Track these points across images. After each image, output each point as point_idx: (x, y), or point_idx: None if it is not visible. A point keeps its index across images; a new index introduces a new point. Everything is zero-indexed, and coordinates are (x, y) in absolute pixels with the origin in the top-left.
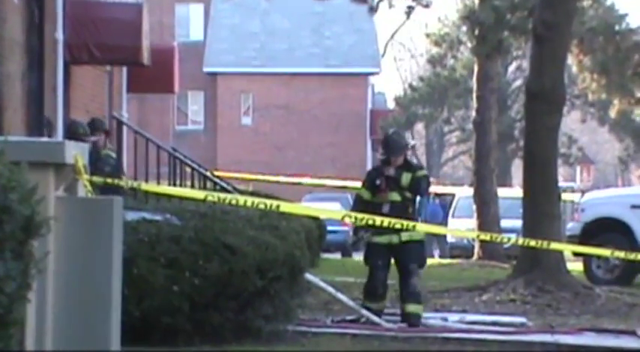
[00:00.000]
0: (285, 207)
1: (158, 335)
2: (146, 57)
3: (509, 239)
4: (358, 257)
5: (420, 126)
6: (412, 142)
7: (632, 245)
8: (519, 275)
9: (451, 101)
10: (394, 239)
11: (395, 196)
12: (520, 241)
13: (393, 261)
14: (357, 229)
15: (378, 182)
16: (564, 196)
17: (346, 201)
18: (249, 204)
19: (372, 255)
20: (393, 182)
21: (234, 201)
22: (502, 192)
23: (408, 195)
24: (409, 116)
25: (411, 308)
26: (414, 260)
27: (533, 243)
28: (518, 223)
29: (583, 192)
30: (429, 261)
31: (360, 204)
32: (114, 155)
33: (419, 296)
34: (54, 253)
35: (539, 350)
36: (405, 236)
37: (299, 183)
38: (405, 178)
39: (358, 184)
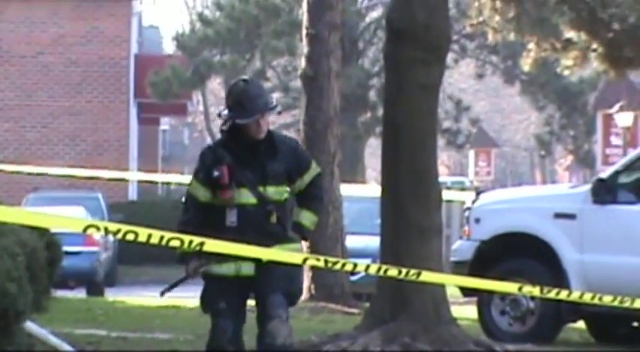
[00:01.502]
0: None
1: None
2: None
3: (355, 265)
4: (114, 294)
5: (215, 83)
6: (278, 107)
7: (555, 277)
8: (375, 326)
9: (267, 42)
10: (245, 268)
11: (246, 197)
12: (374, 269)
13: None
14: (184, 255)
15: (216, 173)
16: (449, 196)
17: (96, 204)
18: None
19: (210, 294)
20: (253, 170)
21: None
22: (349, 190)
23: (274, 194)
24: (199, 66)
25: None
26: (279, 287)
27: (394, 272)
28: (374, 241)
29: (478, 191)
30: None
31: (194, 211)
32: None
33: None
34: None
35: None
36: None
37: (18, 173)
38: (277, 166)
39: (110, 174)
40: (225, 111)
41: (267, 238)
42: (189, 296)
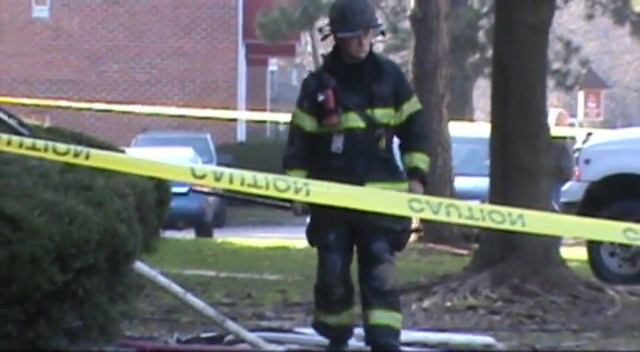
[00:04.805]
0: (99, 158)
1: None
2: None
3: (459, 209)
4: (222, 236)
5: (325, 24)
6: (382, 26)
7: None
8: (484, 268)
9: None
10: None
11: (354, 120)
12: (477, 212)
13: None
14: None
15: (321, 97)
16: (560, 132)
17: (204, 145)
18: (40, 147)
19: (317, 229)
20: (358, 93)
21: (15, 144)
22: (458, 130)
23: (382, 117)
24: (307, 6)
25: (377, 316)
26: (384, 234)
27: (498, 217)
28: (483, 182)
29: (589, 132)
30: None
31: (301, 142)
32: None
33: (392, 297)
34: None
35: None
36: None
37: (129, 113)
38: (383, 87)
39: (223, 114)
40: (326, 27)
41: (377, 165)
42: (298, 238)
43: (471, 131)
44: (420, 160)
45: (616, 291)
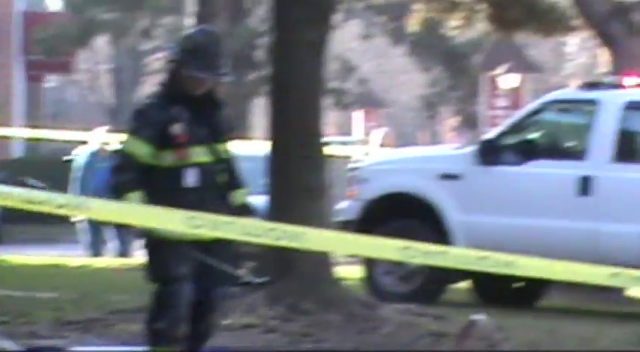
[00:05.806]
0: None
1: None
2: None
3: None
4: (12, 251)
5: (102, 42)
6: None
7: (439, 236)
8: (260, 286)
9: (153, 1)
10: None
11: (203, 154)
12: (255, 230)
13: None
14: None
15: (175, 130)
16: (334, 151)
17: None
18: None
19: (168, 259)
20: (205, 127)
21: None
22: (236, 149)
23: (223, 152)
24: (85, 24)
25: None
26: (226, 278)
27: (272, 235)
28: (259, 200)
29: (366, 151)
30: (105, 262)
31: (134, 171)
32: None
33: (209, 338)
34: None
35: None
36: None
37: None
38: (222, 122)
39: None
40: (175, 55)
41: (220, 200)
42: (74, 255)
43: (246, 148)
44: (244, 195)
45: (392, 310)
